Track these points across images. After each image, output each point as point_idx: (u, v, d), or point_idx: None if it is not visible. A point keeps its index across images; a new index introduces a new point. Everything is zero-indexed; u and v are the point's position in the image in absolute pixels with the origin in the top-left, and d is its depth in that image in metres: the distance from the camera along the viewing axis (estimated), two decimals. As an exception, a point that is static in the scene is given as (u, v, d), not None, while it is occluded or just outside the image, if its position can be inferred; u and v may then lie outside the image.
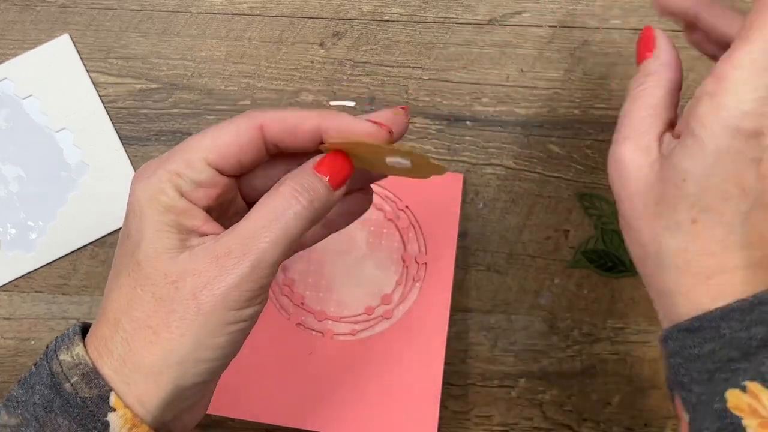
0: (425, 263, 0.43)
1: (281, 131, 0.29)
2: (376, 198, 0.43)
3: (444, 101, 0.46)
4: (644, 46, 0.34)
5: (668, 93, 0.31)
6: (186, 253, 0.28)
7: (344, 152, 0.29)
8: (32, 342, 0.44)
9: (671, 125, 0.31)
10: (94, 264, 0.45)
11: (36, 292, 0.45)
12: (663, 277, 0.29)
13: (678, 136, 0.29)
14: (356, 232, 0.43)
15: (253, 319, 0.28)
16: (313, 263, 0.43)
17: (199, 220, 0.29)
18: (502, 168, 0.45)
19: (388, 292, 0.43)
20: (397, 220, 0.43)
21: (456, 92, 0.46)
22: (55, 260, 0.45)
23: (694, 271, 0.28)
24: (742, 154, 0.27)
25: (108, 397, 0.27)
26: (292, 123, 0.29)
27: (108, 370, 0.27)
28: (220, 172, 0.29)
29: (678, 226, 0.28)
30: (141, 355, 0.27)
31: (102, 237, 0.45)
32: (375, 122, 0.30)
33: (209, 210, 0.29)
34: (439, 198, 0.43)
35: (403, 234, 0.43)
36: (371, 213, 0.43)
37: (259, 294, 0.28)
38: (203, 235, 0.29)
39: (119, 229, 0.45)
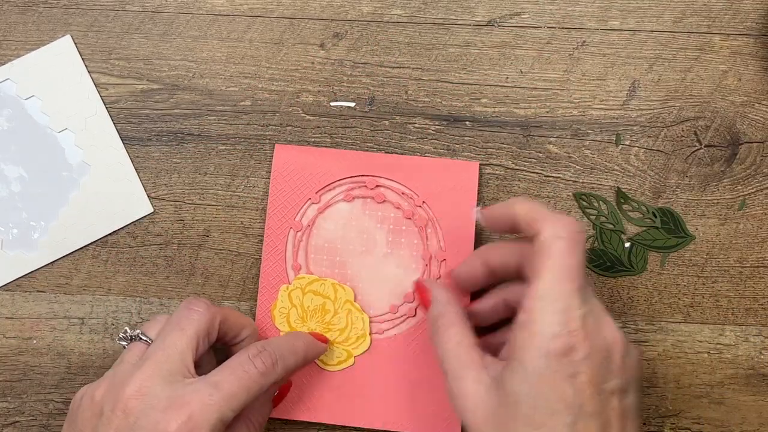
0: (444, 260, 0.43)
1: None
2: (393, 196, 0.44)
3: (443, 102, 0.46)
4: (423, 296, 0.40)
5: (457, 325, 0.37)
6: None
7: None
8: (34, 341, 0.44)
9: (483, 346, 0.36)
10: (95, 264, 0.45)
11: (38, 291, 0.45)
12: None
13: (504, 359, 0.34)
14: (376, 232, 0.44)
15: None
16: (336, 265, 0.44)
17: None
18: (501, 168, 0.46)
19: (410, 290, 0.43)
20: (414, 217, 0.44)
21: (455, 93, 0.46)
22: (57, 260, 0.45)
23: None
24: (558, 373, 0.32)
25: None
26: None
27: None
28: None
29: None
30: None
31: (103, 237, 0.45)
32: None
33: None
34: (456, 188, 0.44)
35: (422, 231, 0.44)
36: (390, 211, 0.44)
37: None
38: None
39: (121, 228, 0.45)
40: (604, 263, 0.45)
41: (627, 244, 0.45)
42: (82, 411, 0.35)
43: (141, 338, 0.37)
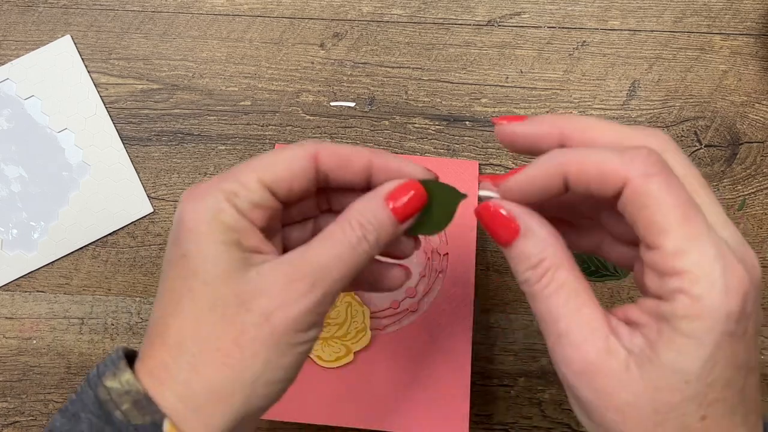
0: (447, 253, 0.43)
1: (334, 163, 0.29)
2: None
3: (443, 102, 0.46)
4: (502, 226, 0.29)
5: (566, 269, 0.27)
6: (253, 271, 0.27)
7: (417, 183, 0.30)
8: (34, 341, 0.44)
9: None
10: (95, 263, 0.45)
11: (38, 291, 0.45)
12: None
13: (629, 322, 0.27)
14: None
15: (314, 341, 0.28)
16: None
17: (258, 240, 0.28)
18: (501, 168, 0.46)
19: (412, 285, 0.43)
20: None
21: (455, 93, 0.46)
22: (57, 260, 0.45)
23: None
24: (735, 335, 0.25)
25: (161, 424, 0.26)
26: (346, 156, 0.29)
27: (171, 397, 0.26)
28: (273, 194, 0.29)
29: (687, 427, 0.26)
30: (210, 378, 0.27)
31: (103, 237, 0.45)
32: (429, 169, 0.30)
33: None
34: (457, 186, 0.44)
35: None
36: None
37: (322, 318, 0.28)
38: (262, 253, 0.28)
39: (121, 228, 0.45)
40: (589, 267, 0.44)
41: None
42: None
43: None
